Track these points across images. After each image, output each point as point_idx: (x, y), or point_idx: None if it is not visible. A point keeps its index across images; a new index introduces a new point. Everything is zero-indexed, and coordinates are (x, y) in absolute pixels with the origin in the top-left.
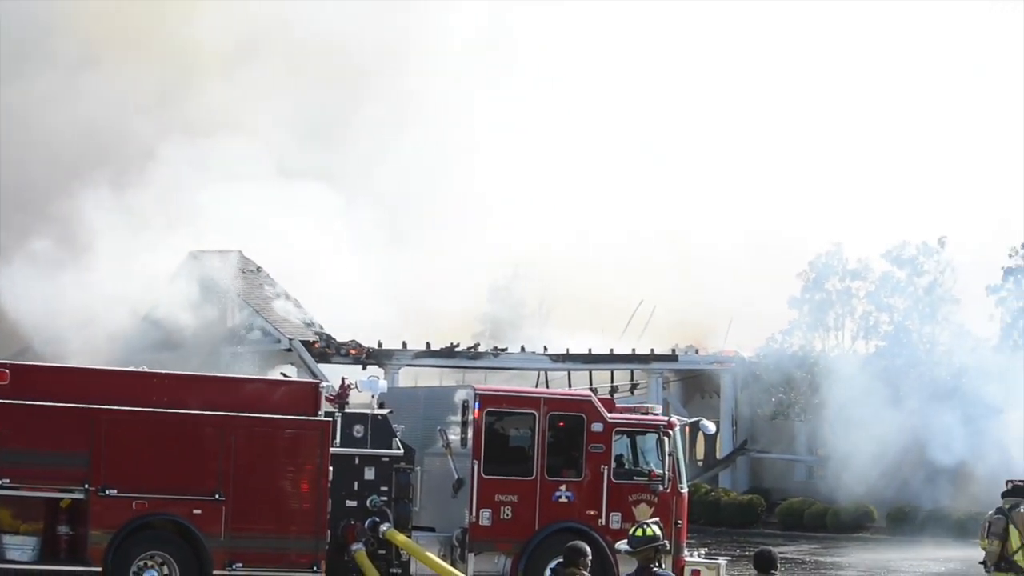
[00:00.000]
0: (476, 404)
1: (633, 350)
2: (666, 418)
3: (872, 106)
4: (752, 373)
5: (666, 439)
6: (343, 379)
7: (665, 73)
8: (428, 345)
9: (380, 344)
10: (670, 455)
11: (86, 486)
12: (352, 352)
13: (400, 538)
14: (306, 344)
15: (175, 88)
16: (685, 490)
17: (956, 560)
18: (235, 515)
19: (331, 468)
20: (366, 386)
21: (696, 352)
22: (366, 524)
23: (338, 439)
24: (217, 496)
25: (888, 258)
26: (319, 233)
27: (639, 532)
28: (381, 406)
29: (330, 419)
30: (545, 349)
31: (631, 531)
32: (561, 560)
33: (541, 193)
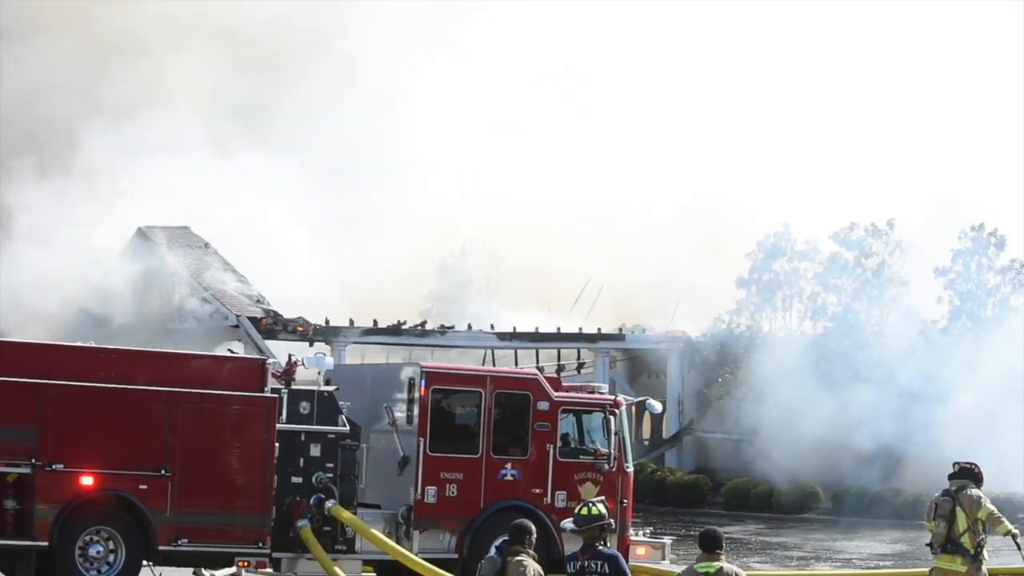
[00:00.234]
0: (422, 382)
1: (580, 329)
2: (612, 397)
3: (821, 87)
4: (699, 353)
5: (612, 418)
6: (290, 356)
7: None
8: (375, 322)
9: (327, 321)
10: (616, 434)
11: (33, 461)
12: (299, 329)
13: (345, 515)
14: (253, 321)
15: (107, 67)
16: (631, 469)
17: (902, 541)
18: (181, 491)
19: (277, 444)
20: (313, 363)
21: (643, 331)
22: (311, 501)
23: (284, 416)
24: (163, 472)
25: (836, 239)
26: (267, 210)
27: (585, 511)
28: (327, 383)
29: (276, 396)
30: (492, 327)
31: (577, 510)
32: (506, 538)
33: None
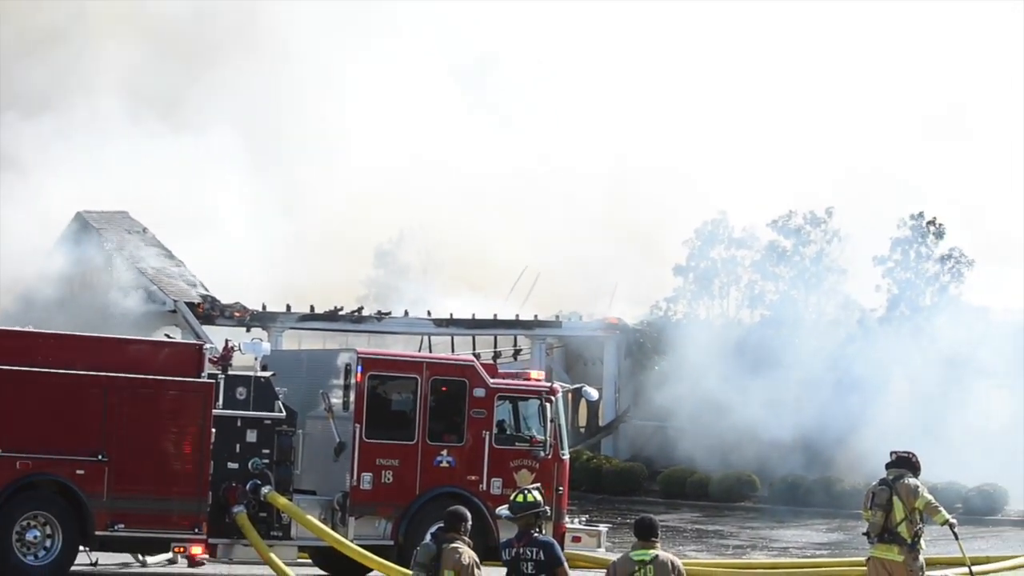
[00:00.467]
0: (358, 368)
1: (517, 316)
2: (548, 384)
3: (759, 73)
4: (636, 341)
5: (548, 405)
6: (227, 341)
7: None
8: (312, 308)
9: (264, 307)
10: (552, 421)
11: None
12: (236, 315)
13: (281, 501)
14: (191, 306)
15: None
16: (567, 457)
17: (839, 530)
18: (118, 476)
19: (213, 430)
20: (249, 348)
21: (580, 319)
22: (247, 486)
23: (221, 401)
24: (100, 457)
25: (774, 227)
26: (205, 196)
27: (520, 498)
28: (264, 369)
29: (213, 381)
30: (429, 314)
31: (512, 496)
32: (441, 525)
33: (427, 156)
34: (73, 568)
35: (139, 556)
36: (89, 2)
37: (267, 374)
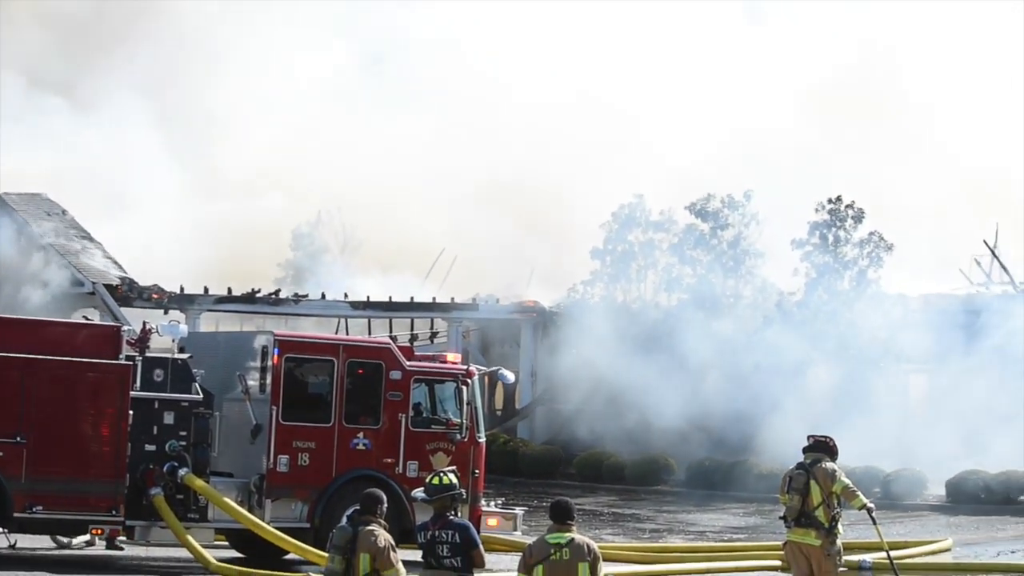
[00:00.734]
0: (275, 350)
1: (434, 298)
2: (465, 367)
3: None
4: (552, 323)
5: (464, 388)
6: (144, 323)
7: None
8: (229, 291)
9: (182, 289)
10: (468, 404)
11: None
12: (154, 297)
13: (198, 483)
14: (109, 288)
15: None
16: (483, 440)
17: (756, 514)
18: (36, 458)
19: (131, 412)
20: (167, 330)
21: (497, 301)
22: (165, 468)
23: (138, 383)
24: (18, 439)
25: (692, 211)
26: (123, 178)
27: (436, 480)
28: (181, 351)
29: (131, 363)
30: (346, 296)
31: (428, 479)
32: (357, 507)
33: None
34: None
35: (62, 538)
36: None
37: (184, 356)
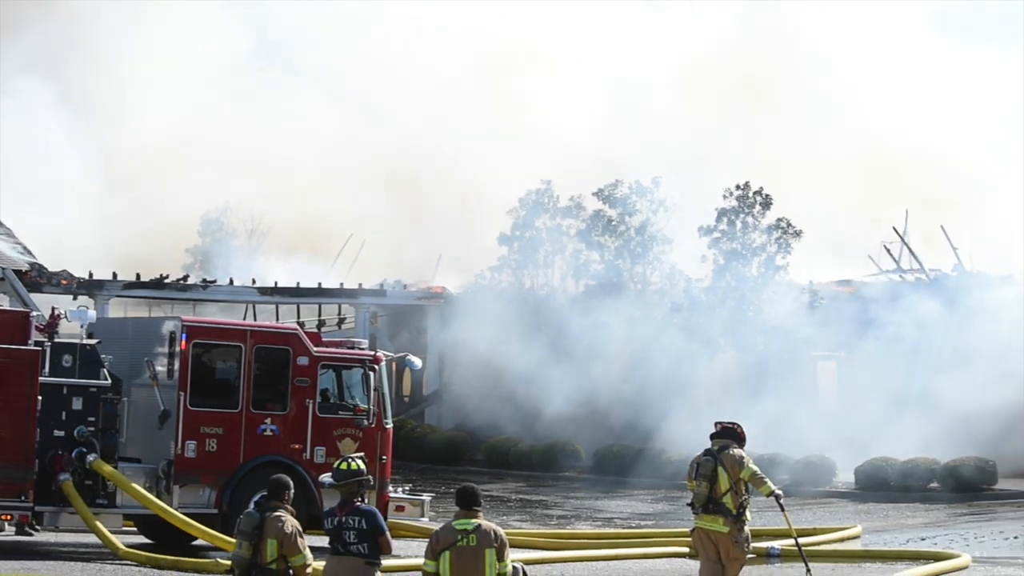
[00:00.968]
0: (183, 336)
1: (341, 284)
2: (372, 353)
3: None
4: (460, 310)
5: (372, 374)
6: (53, 309)
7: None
8: (138, 276)
9: (91, 275)
10: (376, 390)
11: None
12: (63, 282)
13: (107, 469)
14: (18, 274)
15: None
16: (390, 425)
17: (664, 501)
18: None
19: (40, 398)
20: (75, 316)
21: (404, 287)
22: (73, 454)
23: (47, 369)
24: None
25: (600, 197)
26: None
27: (344, 466)
28: (90, 336)
29: (40, 348)
30: (254, 282)
31: (335, 465)
32: (265, 493)
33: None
34: None
35: None
36: None
37: (93, 342)
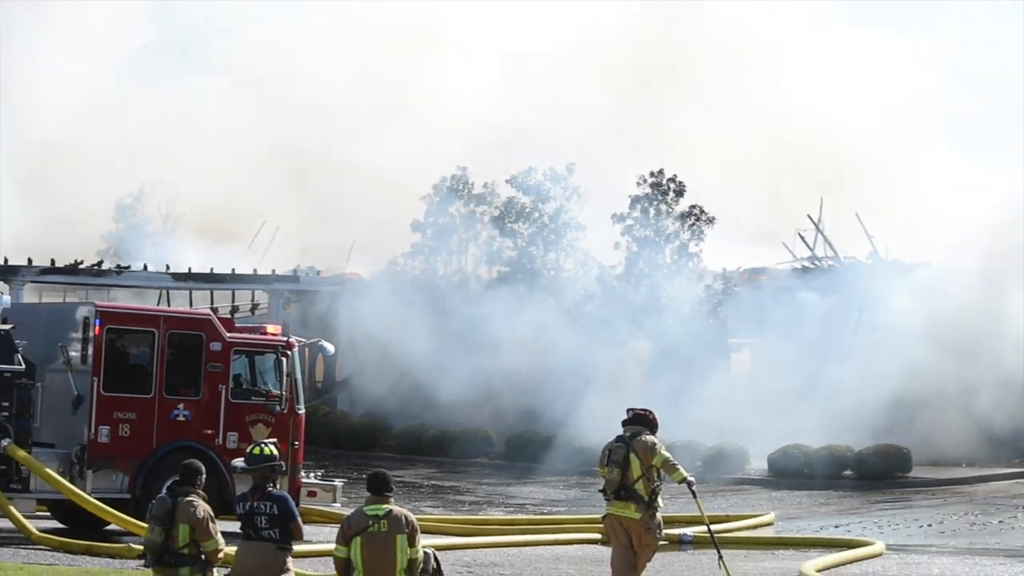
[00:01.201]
0: (97, 321)
1: (255, 270)
2: (285, 338)
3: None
4: (373, 296)
5: (284, 360)
6: None
7: None
8: (52, 262)
9: (6, 260)
10: (288, 376)
11: None
12: None
13: (20, 454)
14: None
15: None
16: (303, 411)
17: (577, 487)
18: None
19: None
20: None
21: (318, 273)
22: None
23: None
24: None
25: (514, 184)
26: None
27: (256, 451)
28: (4, 322)
29: None
30: (168, 268)
31: (248, 449)
32: (177, 478)
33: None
34: None
35: None
36: None
37: (6, 327)
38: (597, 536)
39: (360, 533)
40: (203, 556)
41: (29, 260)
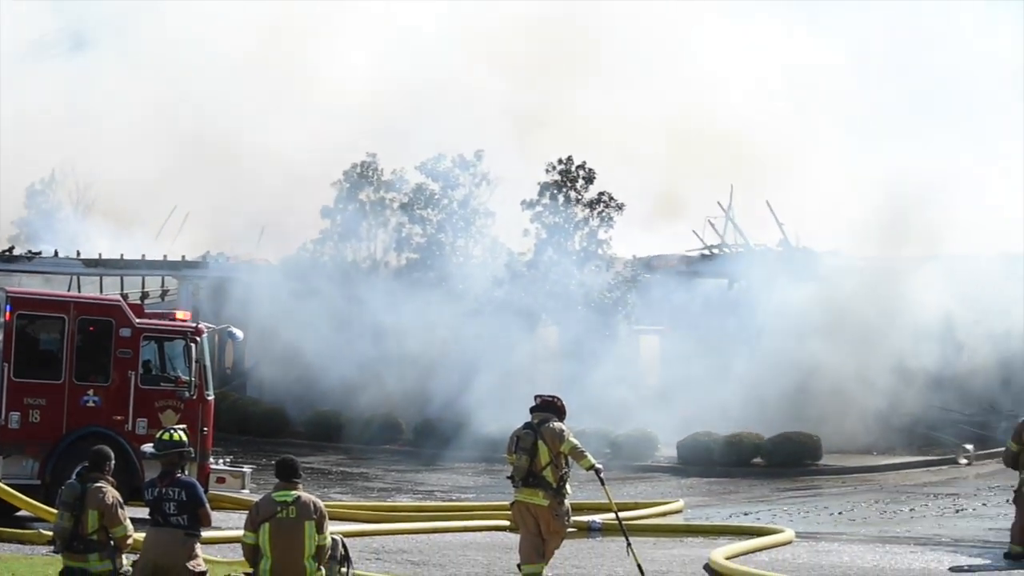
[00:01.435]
0: (7, 307)
1: (165, 256)
2: (194, 325)
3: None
4: (282, 282)
5: (194, 346)
6: None
7: None
8: None
9: None
10: (197, 362)
11: None
12: None
13: None
14: None
15: None
16: (212, 397)
17: (486, 474)
18: None
19: None
20: None
21: (227, 259)
22: None
23: None
24: None
25: (423, 170)
26: None
27: (165, 436)
28: None
29: None
30: (78, 254)
31: (158, 435)
32: (86, 464)
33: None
34: None
35: None
36: None
37: None
38: (506, 523)
39: (269, 519)
40: (112, 542)
41: None
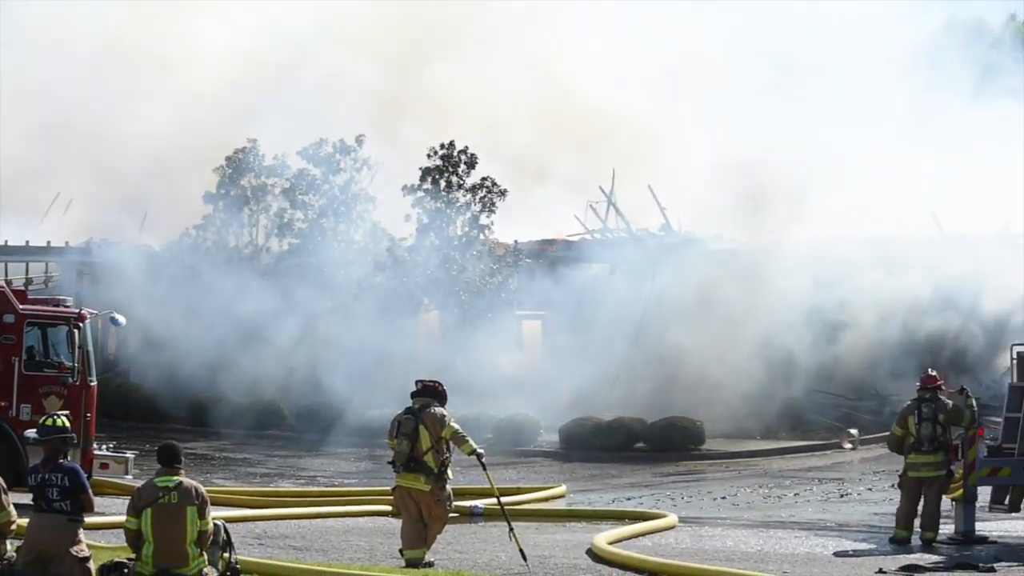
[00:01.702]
0: None
1: (48, 242)
2: (77, 310)
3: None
4: (163, 267)
5: (77, 331)
6: None
7: None
8: None
9: None
10: (80, 347)
11: None
12: None
13: None
14: None
15: None
16: (95, 383)
17: (368, 459)
18: None
19: None
20: None
21: (111, 245)
22: None
23: None
24: None
25: (304, 156)
26: None
27: (48, 422)
28: None
29: None
30: None
31: (41, 421)
32: None
33: None
34: None
35: None
36: None
37: None
38: (388, 508)
39: (151, 505)
40: None
41: None
